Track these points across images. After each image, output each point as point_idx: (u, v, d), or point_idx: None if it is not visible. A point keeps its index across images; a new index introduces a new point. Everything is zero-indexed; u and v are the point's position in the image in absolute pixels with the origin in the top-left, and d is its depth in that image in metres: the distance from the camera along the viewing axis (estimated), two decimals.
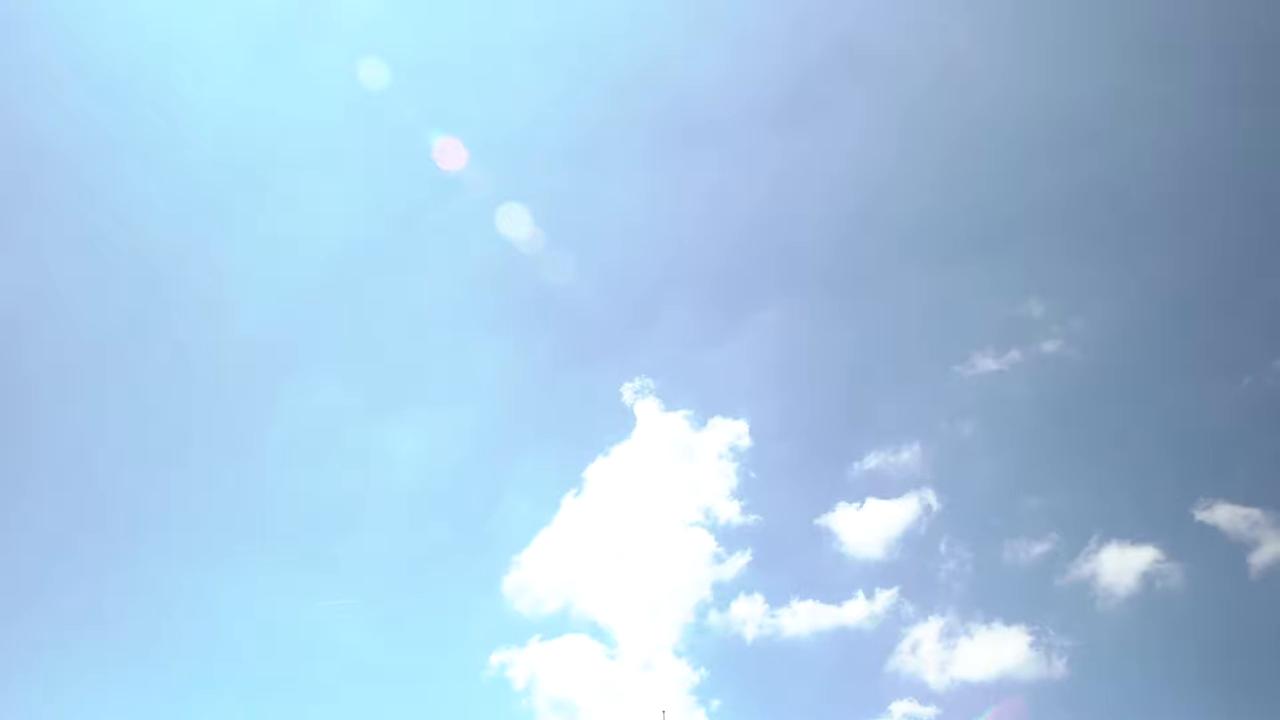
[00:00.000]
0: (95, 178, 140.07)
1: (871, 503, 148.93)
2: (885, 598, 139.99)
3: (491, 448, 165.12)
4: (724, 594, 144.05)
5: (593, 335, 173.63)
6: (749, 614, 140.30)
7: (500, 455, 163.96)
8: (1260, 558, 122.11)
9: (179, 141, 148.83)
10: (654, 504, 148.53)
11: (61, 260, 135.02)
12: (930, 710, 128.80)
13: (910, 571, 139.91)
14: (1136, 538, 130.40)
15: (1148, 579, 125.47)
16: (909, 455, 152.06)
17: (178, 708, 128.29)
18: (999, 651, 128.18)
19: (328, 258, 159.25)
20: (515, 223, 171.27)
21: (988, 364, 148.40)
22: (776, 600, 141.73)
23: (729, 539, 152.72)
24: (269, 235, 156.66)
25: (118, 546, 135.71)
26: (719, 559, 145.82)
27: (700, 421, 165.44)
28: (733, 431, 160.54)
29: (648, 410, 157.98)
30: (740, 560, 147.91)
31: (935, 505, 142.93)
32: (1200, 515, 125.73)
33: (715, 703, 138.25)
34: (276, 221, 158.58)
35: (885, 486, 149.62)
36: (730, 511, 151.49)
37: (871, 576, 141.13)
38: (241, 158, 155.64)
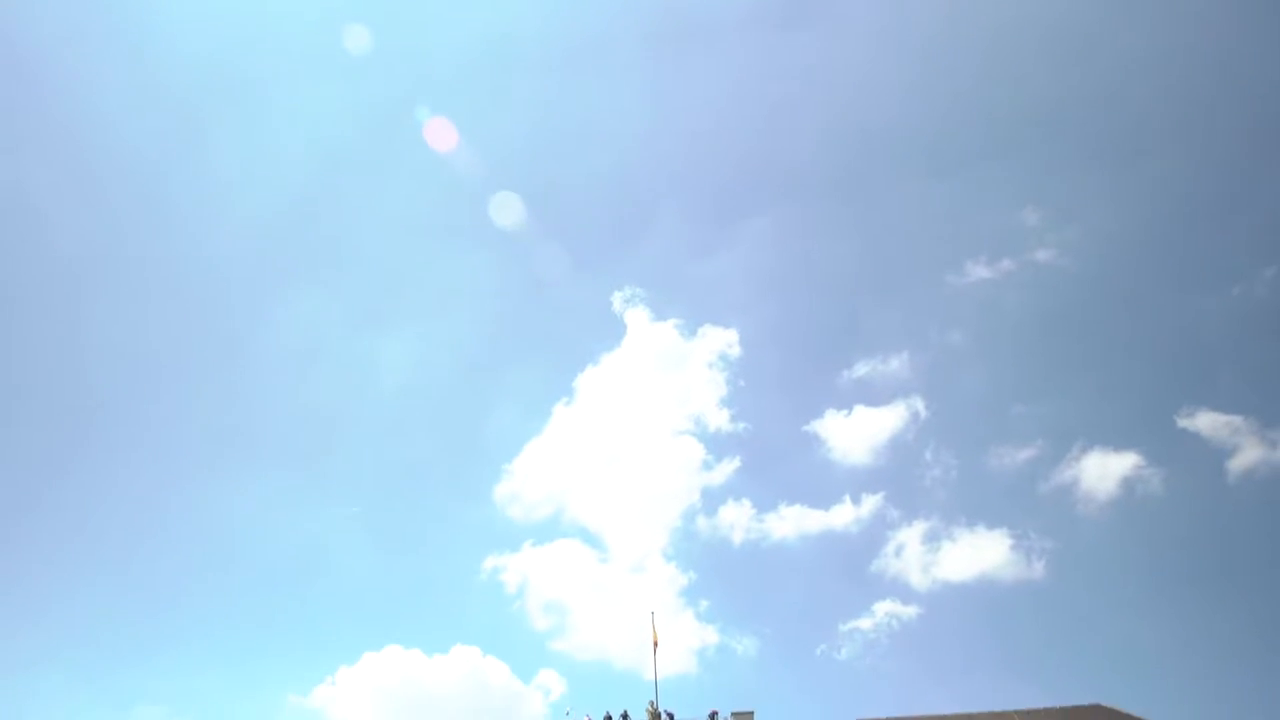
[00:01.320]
0: (77, 85, 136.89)
1: (860, 410, 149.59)
2: (871, 502, 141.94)
3: (480, 357, 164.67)
4: (712, 499, 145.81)
5: (582, 243, 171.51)
6: (737, 518, 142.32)
7: (489, 365, 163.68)
8: (1238, 463, 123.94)
9: (162, 49, 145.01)
10: (643, 412, 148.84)
11: (42, 170, 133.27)
12: (912, 609, 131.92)
13: (896, 477, 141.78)
14: (1119, 444, 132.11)
15: (1128, 484, 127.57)
16: (898, 364, 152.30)
17: (174, 616, 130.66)
18: (980, 554, 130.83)
19: (311, 167, 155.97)
20: (504, 130, 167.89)
21: (980, 273, 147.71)
22: (764, 505, 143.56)
23: (718, 446, 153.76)
24: (251, 144, 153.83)
25: (109, 458, 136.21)
26: (708, 466, 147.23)
27: (690, 330, 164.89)
28: (723, 340, 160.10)
29: (637, 319, 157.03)
30: (729, 466, 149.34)
31: (923, 413, 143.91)
32: (1182, 422, 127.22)
33: (704, 603, 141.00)
34: (258, 130, 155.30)
35: (874, 394, 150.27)
36: (719, 419, 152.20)
37: (858, 482, 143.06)
38: (223, 65, 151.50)
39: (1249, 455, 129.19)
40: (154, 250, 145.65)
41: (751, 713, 58.19)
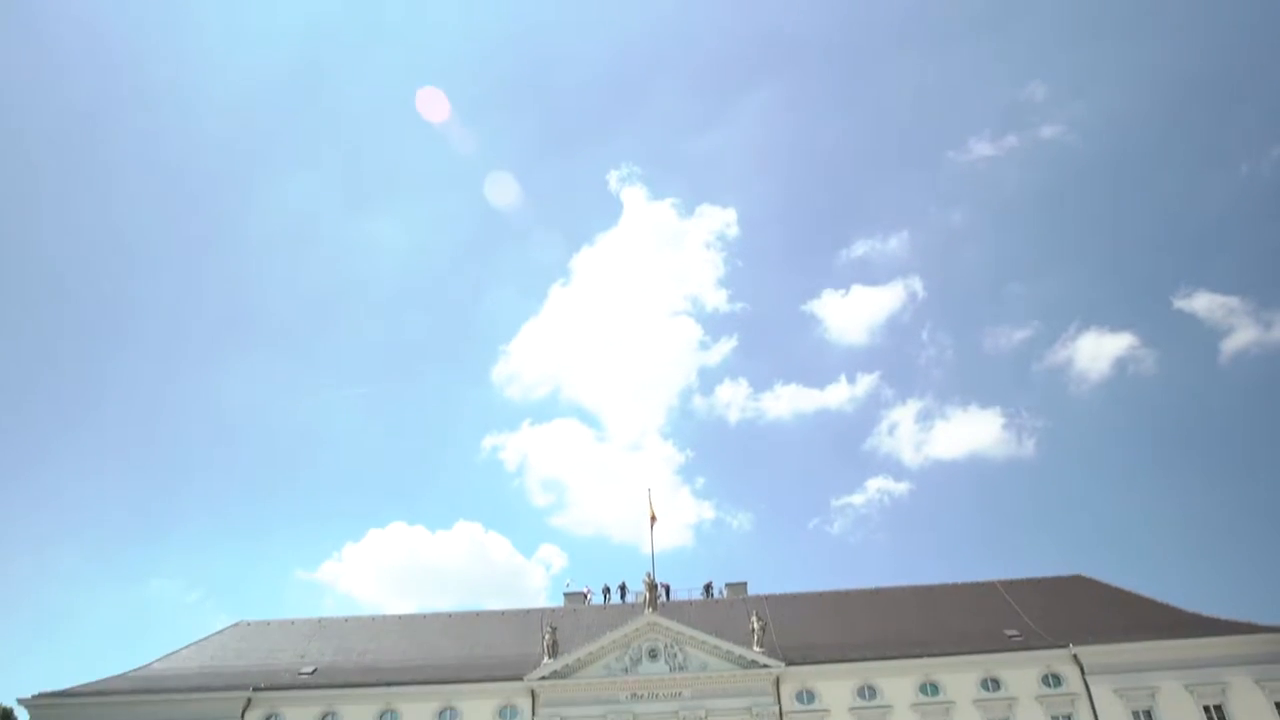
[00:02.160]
0: None
1: (857, 290, 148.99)
2: (866, 382, 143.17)
3: (475, 238, 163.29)
4: (709, 379, 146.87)
5: (576, 121, 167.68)
6: (733, 398, 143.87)
7: (484, 245, 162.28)
8: (1232, 344, 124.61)
9: None
10: (640, 292, 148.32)
11: (13, 50, 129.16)
12: (903, 486, 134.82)
13: (892, 357, 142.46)
14: (1115, 325, 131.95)
15: (1121, 364, 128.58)
16: (897, 243, 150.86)
17: (184, 495, 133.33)
18: (973, 432, 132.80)
19: (299, 41, 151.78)
20: (497, 7, 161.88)
21: (984, 150, 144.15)
22: (760, 384, 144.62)
23: (715, 326, 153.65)
24: (237, 15, 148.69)
25: (107, 346, 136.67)
26: (704, 345, 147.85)
27: (687, 209, 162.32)
28: (720, 219, 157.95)
29: (634, 198, 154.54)
30: (726, 346, 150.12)
31: (921, 292, 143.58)
32: (1179, 303, 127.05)
33: (700, 481, 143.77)
34: (241, 5, 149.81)
35: (872, 273, 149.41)
36: (717, 299, 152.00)
37: (854, 361, 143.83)
38: None
39: (1243, 336, 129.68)
40: (136, 130, 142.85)
41: (745, 584, 60.25)
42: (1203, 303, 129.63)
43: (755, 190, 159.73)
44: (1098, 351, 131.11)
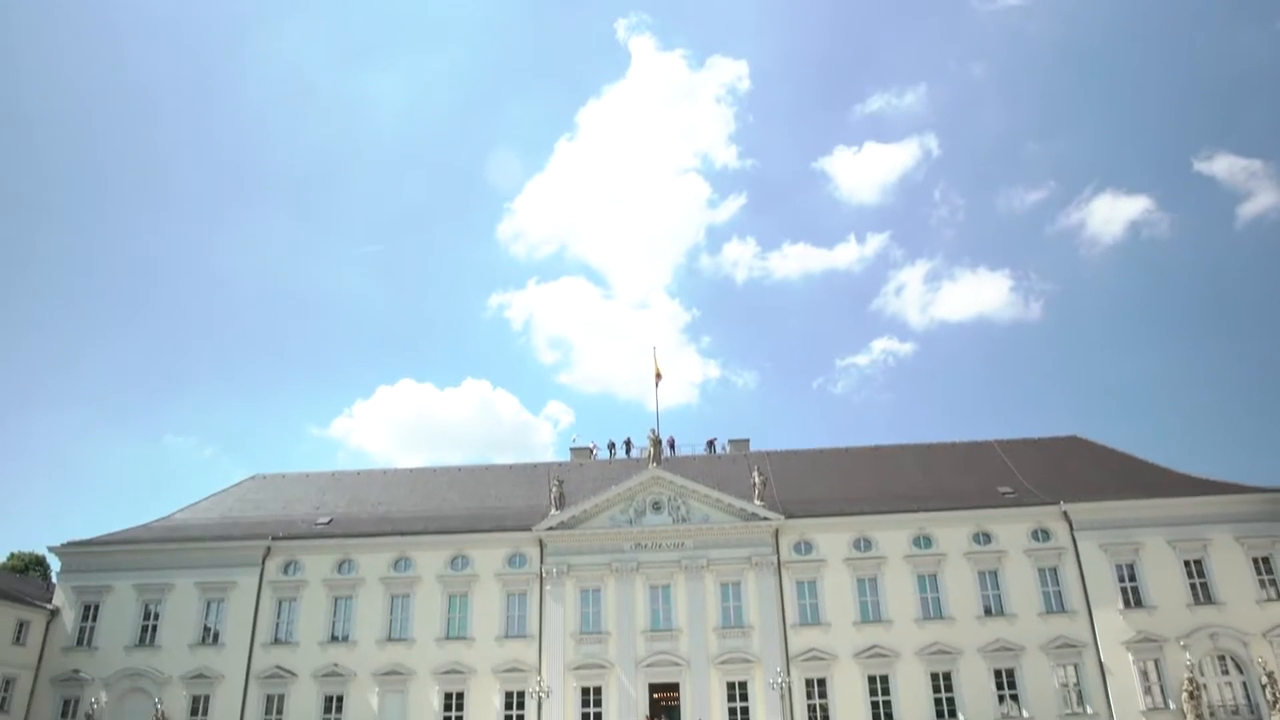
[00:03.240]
0: None
1: (870, 147, 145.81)
2: (876, 242, 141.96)
3: (478, 91, 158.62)
4: (717, 237, 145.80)
5: None
6: (740, 256, 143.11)
7: (488, 99, 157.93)
8: (1249, 209, 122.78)
9: None
10: (648, 148, 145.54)
11: None
12: (908, 347, 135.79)
13: (902, 216, 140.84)
14: (1132, 187, 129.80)
15: (1135, 228, 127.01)
16: (914, 97, 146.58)
17: (197, 353, 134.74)
18: (980, 294, 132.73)
19: None
20: None
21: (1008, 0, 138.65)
22: (768, 243, 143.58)
23: (724, 183, 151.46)
24: None
25: (110, 205, 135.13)
26: (713, 203, 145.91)
27: (698, 61, 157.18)
28: (732, 72, 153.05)
29: (642, 48, 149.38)
30: (734, 204, 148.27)
31: (936, 150, 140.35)
32: (1199, 165, 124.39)
33: (705, 339, 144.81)
34: None
35: (886, 130, 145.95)
36: (726, 156, 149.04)
37: (864, 221, 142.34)
38: None
39: (1261, 200, 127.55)
40: None
41: (747, 440, 61.74)
42: (1223, 165, 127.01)
43: (769, 41, 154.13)
44: (1112, 214, 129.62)
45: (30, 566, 65.53)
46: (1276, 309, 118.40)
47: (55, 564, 53.51)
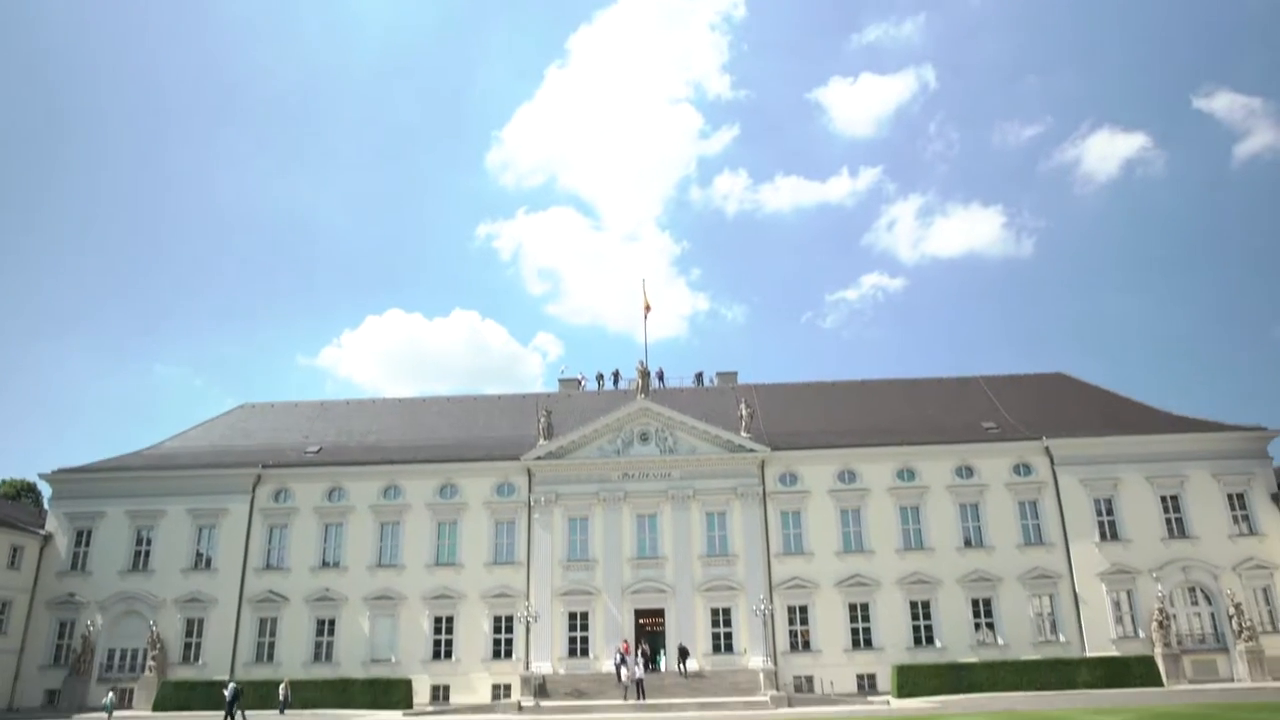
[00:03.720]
0: None
1: (866, 78, 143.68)
2: (868, 175, 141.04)
3: (465, 16, 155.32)
4: (708, 169, 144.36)
5: None
6: (732, 189, 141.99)
7: (475, 24, 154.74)
8: (1246, 148, 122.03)
9: None
10: (640, 77, 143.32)
11: None
12: (898, 282, 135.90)
13: (897, 150, 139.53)
14: (1129, 124, 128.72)
15: (1130, 166, 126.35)
16: (912, 27, 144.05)
17: (185, 283, 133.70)
18: (972, 230, 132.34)
19: None
20: None
21: None
22: (760, 175, 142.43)
23: (716, 114, 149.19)
24: None
25: (94, 136, 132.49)
26: (705, 134, 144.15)
27: None
28: None
29: None
30: (726, 135, 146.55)
31: (933, 83, 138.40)
32: (1199, 103, 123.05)
33: (695, 272, 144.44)
34: None
35: (883, 61, 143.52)
36: (719, 86, 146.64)
37: (857, 154, 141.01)
38: None
39: (1259, 139, 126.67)
40: None
41: (735, 373, 62.12)
42: (1223, 102, 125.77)
43: None
44: (1108, 151, 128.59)
45: (22, 493, 65.94)
46: (1268, 249, 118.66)
47: (47, 491, 53.89)
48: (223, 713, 38.25)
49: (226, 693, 36.35)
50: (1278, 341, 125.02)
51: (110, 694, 41.44)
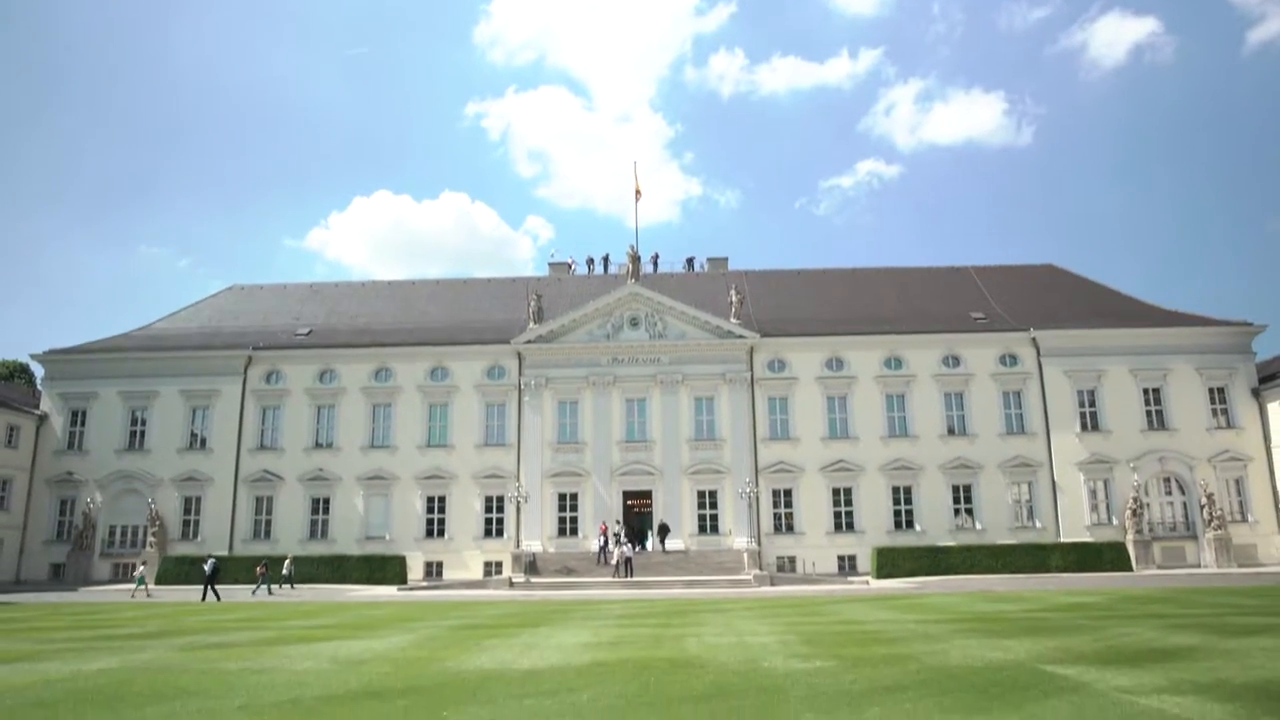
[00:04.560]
0: None
1: None
2: (868, 58, 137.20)
3: None
4: (703, 48, 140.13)
5: None
6: (727, 69, 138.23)
7: None
8: (1259, 35, 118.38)
9: None
10: None
11: None
12: (894, 169, 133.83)
13: (899, 31, 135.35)
14: (1139, 7, 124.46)
15: (1139, 51, 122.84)
16: None
17: (169, 161, 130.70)
18: (971, 117, 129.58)
19: None
20: None
21: None
22: (757, 56, 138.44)
23: None
24: None
25: (74, 12, 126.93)
26: (700, 11, 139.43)
27: None
28: None
29: None
30: (723, 12, 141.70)
31: None
32: None
33: (688, 156, 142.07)
34: None
35: None
36: None
37: (858, 34, 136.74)
38: None
39: (1273, 24, 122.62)
40: None
41: (726, 259, 61.84)
42: None
43: None
44: (1116, 36, 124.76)
45: (14, 374, 66.14)
46: (1273, 140, 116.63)
47: (40, 372, 54.09)
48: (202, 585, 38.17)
49: (206, 567, 37.02)
50: (1274, 235, 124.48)
51: (142, 566, 40.90)
